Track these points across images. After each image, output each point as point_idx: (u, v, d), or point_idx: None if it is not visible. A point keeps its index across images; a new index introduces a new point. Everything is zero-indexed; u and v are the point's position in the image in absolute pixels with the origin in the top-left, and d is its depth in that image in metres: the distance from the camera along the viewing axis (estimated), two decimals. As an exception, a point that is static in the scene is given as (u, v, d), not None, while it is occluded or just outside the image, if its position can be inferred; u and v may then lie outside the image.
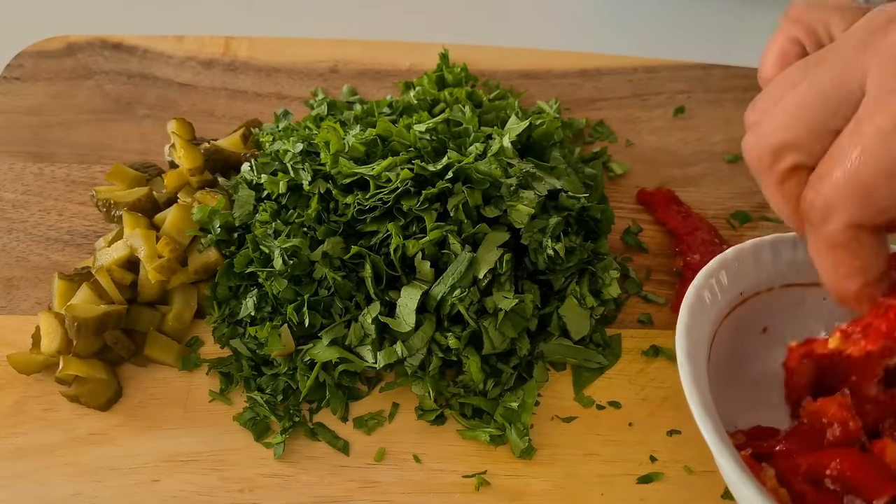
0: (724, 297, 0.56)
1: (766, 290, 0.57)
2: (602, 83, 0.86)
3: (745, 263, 0.57)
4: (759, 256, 0.57)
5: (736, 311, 0.57)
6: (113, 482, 0.58)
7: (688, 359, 0.50)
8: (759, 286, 0.57)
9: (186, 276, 0.66)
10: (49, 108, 0.82)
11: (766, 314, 0.58)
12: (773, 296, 0.58)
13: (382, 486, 0.58)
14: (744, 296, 0.57)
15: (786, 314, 0.58)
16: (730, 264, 0.56)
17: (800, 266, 0.57)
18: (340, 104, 0.81)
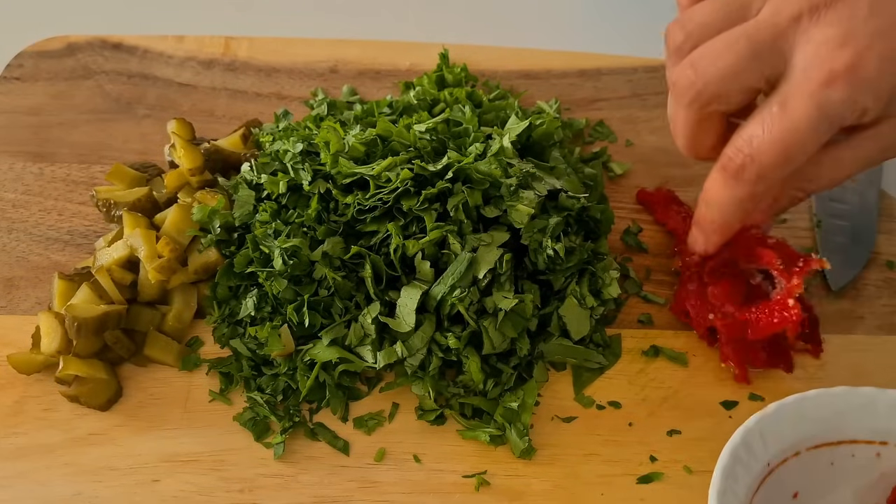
0: (751, 474, 0.53)
1: (792, 456, 0.55)
2: (602, 83, 0.86)
3: (768, 433, 0.54)
4: (782, 420, 0.55)
5: (765, 483, 0.55)
6: (113, 482, 0.58)
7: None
8: (786, 453, 0.55)
9: (186, 276, 0.66)
10: (49, 108, 0.82)
11: (795, 479, 0.56)
12: (799, 460, 0.55)
13: (382, 486, 0.58)
14: (770, 466, 0.55)
15: (816, 477, 0.56)
16: (752, 435, 0.54)
17: (825, 425, 0.55)
18: (340, 104, 0.81)
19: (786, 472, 0.56)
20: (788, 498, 0.57)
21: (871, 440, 0.56)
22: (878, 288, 0.71)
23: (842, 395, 0.55)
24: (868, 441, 0.56)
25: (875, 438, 0.56)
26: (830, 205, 0.76)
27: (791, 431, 0.55)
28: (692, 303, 0.67)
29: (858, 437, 0.56)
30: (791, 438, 0.55)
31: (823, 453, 0.56)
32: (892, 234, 0.75)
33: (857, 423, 0.55)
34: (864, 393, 0.56)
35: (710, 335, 0.66)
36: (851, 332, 0.68)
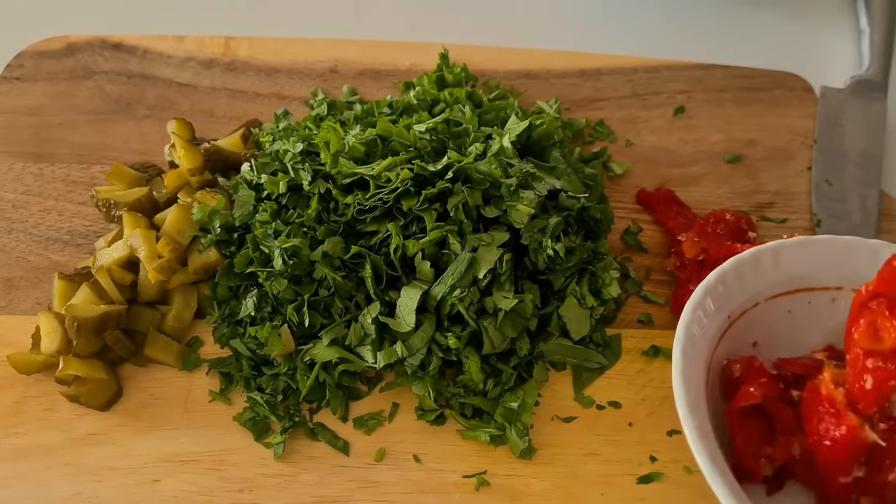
0: (712, 326, 0.55)
1: (752, 307, 0.57)
2: (602, 83, 0.86)
3: (729, 285, 0.56)
4: (742, 274, 0.57)
5: (726, 334, 0.57)
6: (113, 482, 0.58)
7: (690, 410, 0.50)
8: (745, 304, 0.57)
9: (186, 276, 0.66)
10: (49, 108, 0.82)
11: (755, 329, 0.58)
12: (759, 310, 0.58)
13: (382, 486, 0.58)
14: (731, 318, 0.57)
15: (774, 325, 0.58)
16: (714, 289, 0.56)
17: (783, 275, 0.57)
18: (340, 104, 0.81)
19: (745, 322, 0.57)
20: (748, 346, 0.59)
21: (827, 286, 0.58)
22: (878, 288, 0.71)
23: (799, 246, 0.57)
24: (824, 288, 0.58)
25: (831, 284, 0.58)
26: (830, 205, 0.76)
27: (750, 284, 0.57)
28: None
29: (815, 285, 0.58)
30: (751, 290, 0.57)
31: (781, 302, 0.58)
32: (891, 233, 0.75)
33: (815, 271, 0.57)
34: (820, 241, 0.58)
35: None
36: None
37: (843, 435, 0.51)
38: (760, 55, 0.90)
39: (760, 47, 0.93)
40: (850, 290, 0.57)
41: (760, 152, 0.80)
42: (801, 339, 0.59)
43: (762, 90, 0.85)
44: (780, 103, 0.84)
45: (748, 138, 0.81)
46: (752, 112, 0.83)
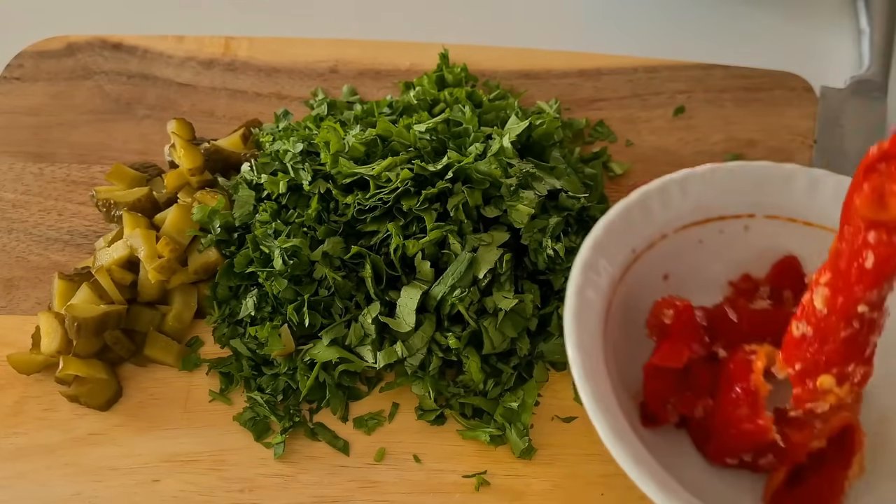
0: (614, 262, 0.53)
1: (659, 240, 0.55)
2: (602, 83, 0.86)
3: (633, 219, 0.54)
4: (649, 206, 0.54)
5: (631, 269, 0.54)
6: (113, 482, 0.58)
7: (579, 351, 0.48)
8: (652, 238, 0.54)
9: (186, 276, 0.66)
10: (49, 108, 0.82)
11: (665, 261, 0.56)
12: (668, 242, 0.55)
13: (382, 486, 0.58)
14: (636, 252, 0.54)
15: (685, 256, 0.56)
16: (615, 224, 0.53)
17: (691, 206, 0.54)
18: (340, 104, 0.81)
19: (653, 256, 0.55)
20: (659, 280, 0.56)
21: (739, 214, 0.56)
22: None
23: (708, 174, 0.54)
24: (736, 215, 0.56)
25: (743, 211, 0.55)
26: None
27: (657, 216, 0.54)
28: None
29: (726, 213, 0.56)
30: (658, 222, 0.54)
31: (691, 232, 0.56)
32: (892, 233, 0.75)
33: (725, 199, 0.55)
34: (729, 168, 0.55)
35: None
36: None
37: (751, 430, 0.50)
38: (760, 55, 0.90)
39: (760, 47, 0.93)
40: (763, 216, 0.55)
41: (760, 152, 0.80)
42: (714, 269, 0.57)
43: (762, 90, 0.85)
44: (780, 103, 0.84)
45: (748, 138, 0.81)
46: (753, 112, 0.83)
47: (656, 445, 0.53)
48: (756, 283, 0.58)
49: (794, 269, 0.58)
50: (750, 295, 0.59)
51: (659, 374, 0.53)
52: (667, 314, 0.54)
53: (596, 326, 0.51)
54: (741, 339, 0.55)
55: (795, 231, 0.55)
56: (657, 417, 0.55)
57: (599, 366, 0.50)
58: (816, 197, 0.53)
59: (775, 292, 0.58)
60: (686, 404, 0.54)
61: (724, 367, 0.54)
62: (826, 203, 0.53)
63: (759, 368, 0.51)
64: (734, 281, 0.58)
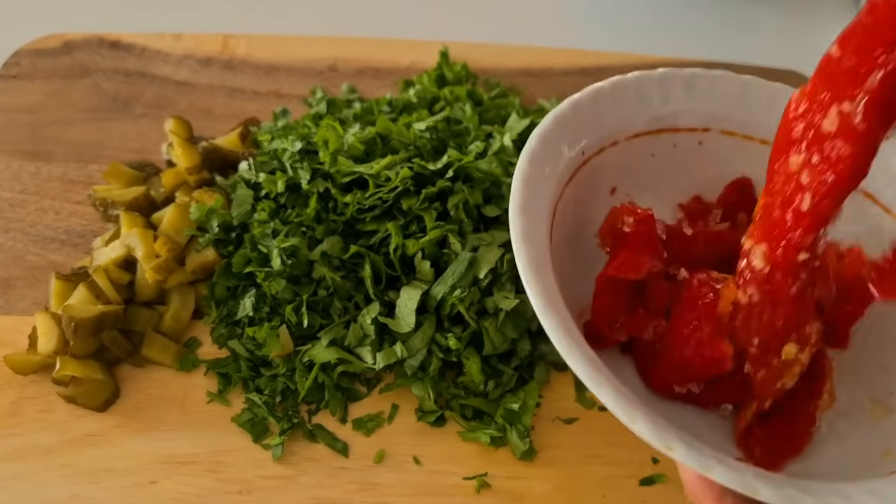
0: (561, 160, 0.48)
1: (610, 146, 0.50)
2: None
3: (583, 116, 0.49)
4: (599, 105, 0.50)
5: (579, 173, 0.50)
6: (110, 483, 0.58)
7: (524, 242, 0.44)
8: (603, 141, 0.50)
9: (184, 275, 0.66)
10: (46, 106, 0.82)
11: (614, 172, 0.52)
12: (618, 150, 0.51)
13: (382, 488, 0.58)
14: (586, 155, 0.49)
15: (635, 169, 0.52)
16: (566, 118, 0.48)
17: (645, 112, 0.51)
18: (339, 102, 0.81)
19: (602, 164, 0.51)
20: (605, 193, 0.52)
21: (694, 127, 0.52)
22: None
23: (661, 79, 0.50)
24: (690, 129, 0.52)
25: (697, 125, 0.52)
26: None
27: (609, 118, 0.50)
28: None
29: (680, 125, 0.52)
30: (609, 125, 0.50)
31: (643, 143, 0.52)
32: (895, 233, 0.75)
33: (679, 107, 0.51)
34: (685, 74, 0.51)
35: None
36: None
37: (709, 356, 0.47)
38: (761, 53, 0.90)
39: (761, 45, 0.93)
40: (718, 131, 0.51)
41: (762, 151, 0.80)
42: (665, 186, 0.53)
43: (764, 88, 0.85)
44: (783, 102, 0.84)
45: (750, 137, 0.81)
46: (754, 110, 0.83)
47: None
48: (708, 206, 0.55)
49: (747, 191, 0.54)
50: (702, 217, 0.55)
51: (612, 287, 0.49)
52: (627, 221, 0.49)
53: (543, 223, 0.46)
54: (698, 260, 0.51)
55: (752, 150, 0.51)
56: (603, 337, 0.50)
57: (546, 258, 0.45)
58: (774, 114, 0.50)
59: (728, 215, 0.54)
60: (637, 324, 0.50)
61: (685, 288, 0.49)
62: None
63: (727, 297, 0.48)
64: (684, 203, 0.54)
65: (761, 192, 0.47)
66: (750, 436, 0.49)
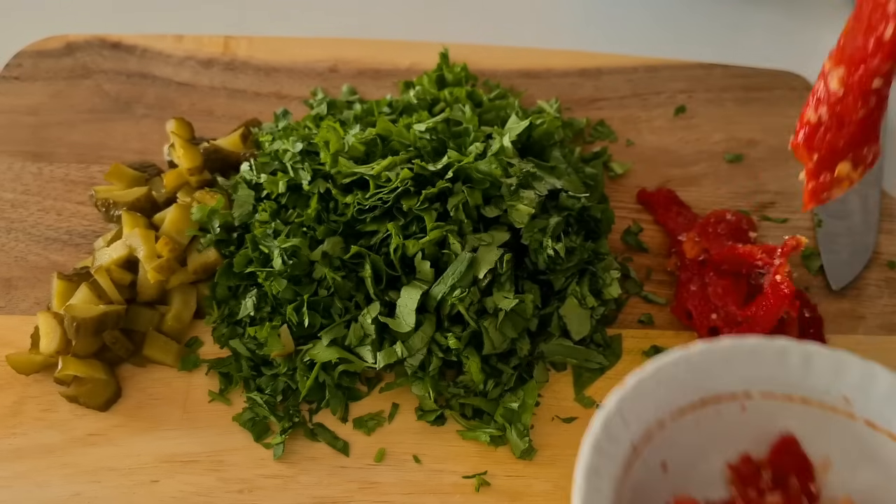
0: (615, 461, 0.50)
1: (657, 430, 0.53)
2: (602, 83, 0.86)
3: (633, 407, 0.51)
4: (643, 393, 0.52)
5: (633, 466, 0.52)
6: (112, 483, 0.58)
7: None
8: (650, 427, 0.52)
9: (185, 275, 0.66)
10: (48, 107, 0.82)
11: (663, 450, 0.54)
12: (666, 431, 0.53)
13: (382, 486, 0.58)
14: (637, 447, 0.52)
15: (682, 442, 0.54)
16: (613, 419, 0.51)
17: (686, 388, 0.53)
18: (340, 104, 0.81)
19: (652, 447, 0.52)
20: (658, 471, 0.54)
21: (735, 393, 0.54)
22: (878, 288, 0.71)
23: (700, 354, 0.53)
24: (731, 395, 0.54)
25: (738, 389, 0.54)
26: (831, 205, 0.75)
27: (652, 404, 0.52)
28: (694, 303, 0.67)
29: (721, 392, 0.54)
30: (653, 411, 0.52)
31: (688, 418, 0.54)
32: (892, 234, 0.75)
33: (718, 378, 0.53)
34: (722, 347, 0.53)
35: (712, 335, 0.66)
36: (853, 331, 0.68)
37: None
38: (761, 54, 0.90)
39: (761, 46, 0.93)
40: (758, 394, 0.54)
41: (761, 152, 0.80)
42: (712, 450, 0.55)
43: (763, 89, 0.85)
44: (781, 102, 0.84)
45: (749, 138, 0.81)
46: (753, 111, 0.83)
47: None
48: (756, 466, 0.57)
49: (793, 449, 0.56)
50: (752, 479, 0.57)
51: None
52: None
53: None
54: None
55: (793, 410, 0.54)
56: None
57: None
58: (811, 372, 0.53)
59: (779, 479, 0.56)
60: None
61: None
62: (821, 379, 0.53)
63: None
64: (733, 464, 0.56)
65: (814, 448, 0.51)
66: None
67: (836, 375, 0.52)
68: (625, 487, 0.51)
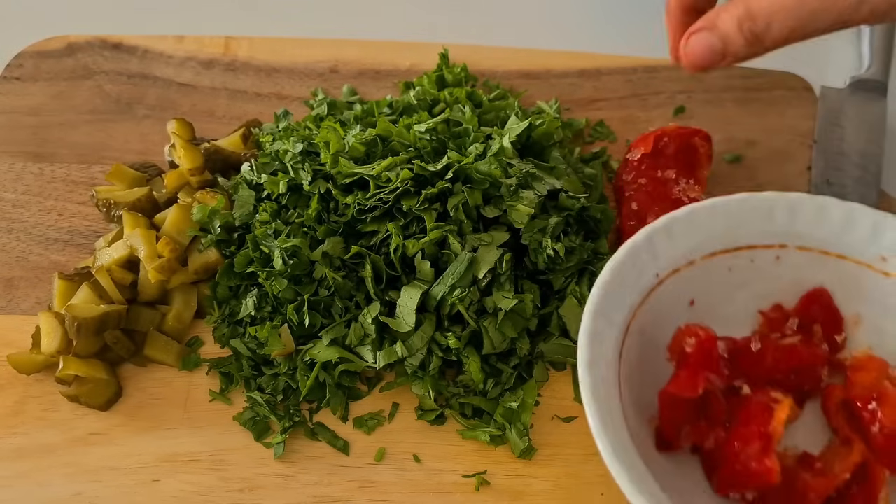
0: (636, 285, 0.53)
1: (686, 266, 0.54)
2: (602, 83, 0.86)
3: (657, 244, 0.53)
4: (674, 233, 0.54)
5: (654, 293, 0.54)
6: (113, 482, 0.58)
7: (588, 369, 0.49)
8: (677, 263, 0.54)
9: (186, 276, 0.66)
10: (49, 108, 0.82)
11: (691, 287, 0.55)
12: (695, 268, 0.55)
13: (382, 485, 0.58)
14: (660, 277, 0.54)
15: (713, 283, 0.55)
16: (639, 247, 0.53)
17: (720, 234, 0.54)
18: (340, 104, 0.81)
19: (679, 281, 0.55)
20: (685, 306, 0.56)
21: (771, 244, 0.56)
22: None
23: (738, 203, 0.54)
24: (767, 245, 0.56)
25: (774, 242, 0.55)
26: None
27: (684, 242, 0.54)
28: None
29: (757, 243, 0.55)
30: (683, 248, 0.54)
31: (721, 260, 0.55)
32: (891, 233, 0.75)
33: (755, 229, 0.55)
34: (762, 198, 0.55)
35: None
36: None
37: (757, 469, 0.50)
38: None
39: (760, 47, 0.93)
40: (794, 247, 0.55)
41: (760, 152, 0.80)
42: (743, 298, 0.57)
43: (762, 90, 0.85)
44: (780, 103, 0.84)
45: (748, 138, 0.81)
46: (753, 112, 0.83)
47: (669, 470, 0.53)
48: (786, 314, 0.58)
49: (824, 301, 0.58)
50: (779, 325, 0.58)
51: (674, 402, 0.53)
52: (688, 342, 0.54)
53: (612, 346, 0.52)
54: (764, 374, 0.55)
55: (828, 265, 0.55)
56: (671, 444, 0.55)
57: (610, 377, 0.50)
58: (851, 230, 0.53)
59: (804, 326, 0.58)
60: (699, 434, 0.54)
61: (745, 404, 0.54)
62: (859, 237, 0.54)
63: (780, 418, 0.51)
64: (764, 311, 0.57)
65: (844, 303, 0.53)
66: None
67: (875, 235, 0.52)
68: (642, 307, 0.53)
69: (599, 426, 0.47)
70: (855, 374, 0.55)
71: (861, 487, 0.52)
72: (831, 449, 0.55)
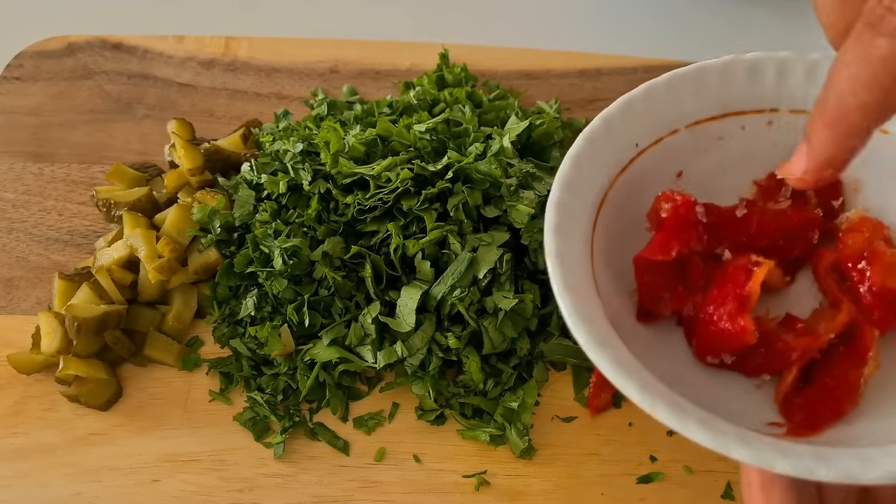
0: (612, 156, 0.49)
1: (668, 135, 0.51)
2: (602, 83, 0.86)
3: (635, 113, 0.50)
4: (652, 100, 0.51)
5: (634, 163, 0.51)
6: (113, 482, 0.58)
7: (558, 261, 0.45)
8: (658, 132, 0.51)
9: (186, 275, 0.66)
10: (49, 108, 0.82)
11: (679, 157, 0.52)
12: (680, 138, 0.51)
13: (382, 485, 0.58)
14: (640, 147, 0.50)
15: (702, 153, 0.52)
16: (614, 117, 0.50)
17: (705, 101, 0.51)
18: (340, 104, 0.81)
19: (662, 151, 0.51)
20: (671, 178, 0.53)
21: (761, 108, 0.52)
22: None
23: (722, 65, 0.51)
24: (758, 110, 0.52)
25: (765, 106, 0.52)
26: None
27: (665, 109, 0.50)
28: None
29: (746, 108, 0.52)
30: (665, 117, 0.50)
31: (708, 128, 0.52)
32: (892, 233, 0.75)
33: (744, 93, 0.51)
34: (749, 59, 0.51)
35: None
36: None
37: (730, 330, 0.48)
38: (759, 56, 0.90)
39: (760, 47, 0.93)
40: (787, 110, 0.51)
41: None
42: (737, 166, 0.53)
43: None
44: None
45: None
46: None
47: (652, 342, 0.51)
48: (781, 182, 0.55)
49: None
50: (774, 194, 0.55)
51: (650, 267, 0.51)
52: (664, 207, 0.51)
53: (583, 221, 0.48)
54: (749, 240, 0.52)
55: None
56: (651, 312, 0.52)
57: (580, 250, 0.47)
58: None
59: (799, 192, 0.55)
60: (678, 300, 0.52)
61: (724, 268, 0.51)
62: None
63: (759, 278, 0.48)
64: (759, 180, 0.54)
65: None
66: (790, 402, 0.50)
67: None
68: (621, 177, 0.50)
69: (562, 287, 0.44)
70: (847, 235, 0.52)
71: (849, 348, 0.49)
72: (818, 311, 0.52)
